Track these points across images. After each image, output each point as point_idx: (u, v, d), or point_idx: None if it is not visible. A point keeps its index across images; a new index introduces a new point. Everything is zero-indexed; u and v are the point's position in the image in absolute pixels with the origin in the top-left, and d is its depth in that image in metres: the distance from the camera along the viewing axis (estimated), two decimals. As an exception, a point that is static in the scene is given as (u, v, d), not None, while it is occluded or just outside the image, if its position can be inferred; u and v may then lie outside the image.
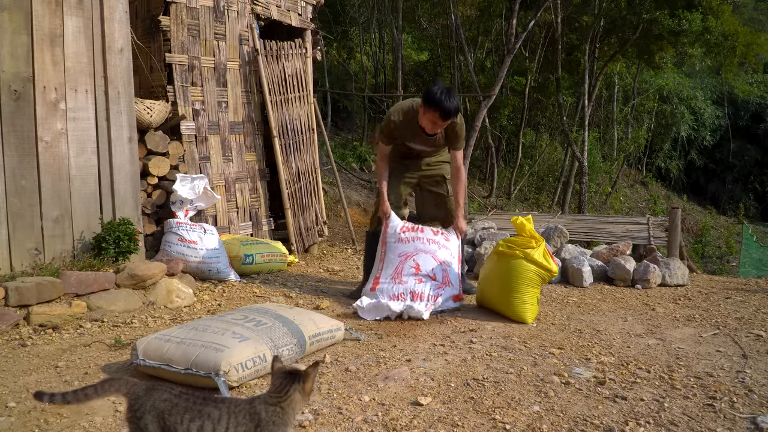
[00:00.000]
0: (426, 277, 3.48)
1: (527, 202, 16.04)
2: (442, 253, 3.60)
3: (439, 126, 3.46)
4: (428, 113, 3.40)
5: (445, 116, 3.37)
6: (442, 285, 3.49)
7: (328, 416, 2.01)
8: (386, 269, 3.53)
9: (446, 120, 3.40)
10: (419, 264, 3.51)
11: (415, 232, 3.65)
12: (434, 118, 3.39)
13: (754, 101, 22.64)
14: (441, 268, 3.53)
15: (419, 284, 3.45)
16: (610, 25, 14.06)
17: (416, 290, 3.42)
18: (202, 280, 4.12)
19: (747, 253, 11.80)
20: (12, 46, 3.22)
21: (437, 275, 3.50)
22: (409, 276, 3.47)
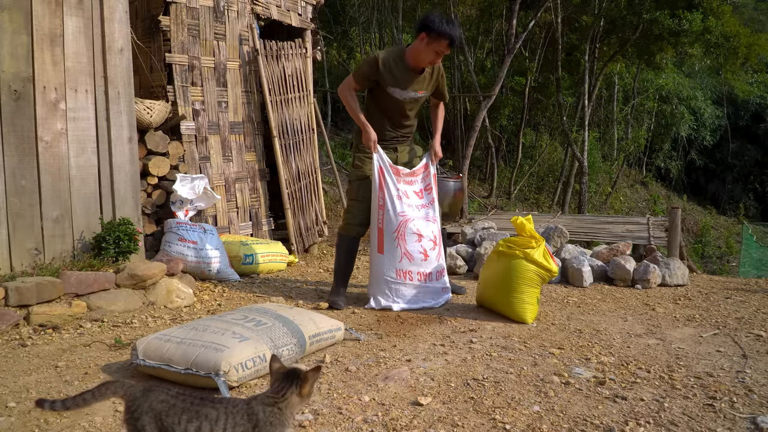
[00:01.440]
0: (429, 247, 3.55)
1: (527, 202, 16.05)
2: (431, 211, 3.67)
3: (440, 57, 3.40)
4: (434, 43, 3.30)
5: (452, 43, 3.32)
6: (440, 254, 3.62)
7: (328, 416, 2.01)
8: (387, 224, 3.51)
9: (452, 47, 3.36)
10: (420, 230, 3.55)
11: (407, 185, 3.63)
12: (441, 47, 3.32)
13: (754, 101, 22.65)
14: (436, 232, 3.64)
15: (424, 261, 3.52)
16: (610, 25, 14.07)
17: (423, 270, 3.52)
18: (202, 280, 4.12)
19: (747, 253, 11.80)
20: (12, 46, 3.22)
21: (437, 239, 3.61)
22: (413, 244, 3.51)
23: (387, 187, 3.53)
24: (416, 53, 3.40)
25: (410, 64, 3.45)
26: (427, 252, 3.55)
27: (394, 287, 3.48)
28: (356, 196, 3.65)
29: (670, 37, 12.46)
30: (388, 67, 3.42)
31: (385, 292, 3.49)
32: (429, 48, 3.33)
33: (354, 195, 3.67)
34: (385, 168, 3.53)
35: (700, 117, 21.07)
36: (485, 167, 16.07)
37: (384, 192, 3.52)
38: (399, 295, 3.49)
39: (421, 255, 3.53)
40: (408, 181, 3.64)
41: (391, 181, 3.54)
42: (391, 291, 3.48)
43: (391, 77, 3.44)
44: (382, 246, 3.50)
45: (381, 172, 3.52)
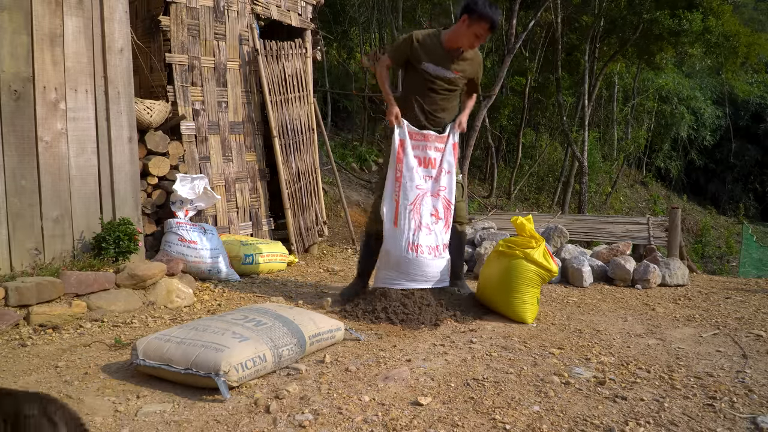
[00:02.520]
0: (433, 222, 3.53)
1: (527, 202, 16.05)
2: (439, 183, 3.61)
3: (481, 40, 3.41)
4: (474, 25, 3.31)
5: (493, 26, 3.33)
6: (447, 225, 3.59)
7: (328, 416, 2.01)
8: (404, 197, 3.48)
9: (492, 31, 3.37)
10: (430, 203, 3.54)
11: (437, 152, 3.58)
12: (481, 30, 3.33)
13: (754, 101, 22.65)
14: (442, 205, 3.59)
15: (429, 236, 3.49)
16: (610, 25, 14.06)
17: (431, 243, 3.49)
18: (202, 280, 4.12)
19: (747, 253, 11.81)
20: (12, 46, 3.22)
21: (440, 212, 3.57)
22: (427, 217, 3.49)
23: (406, 160, 3.49)
24: (455, 35, 3.42)
25: (447, 44, 3.47)
26: (430, 226, 3.52)
27: (404, 262, 3.42)
28: None
29: (670, 37, 12.45)
30: (423, 43, 3.47)
31: (395, 269, 3.43)
32: (469, 30, 3.35)
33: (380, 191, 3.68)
34: (406, 141, 3.51)
35: (700, 117, 21.07)
36: (485, 167, 16.07)
37: (402, 164, 3.49)
38: (406, 271, 3.42)
39: (426, 229, 3.50)
40: (439, 147, 3.59)
41: (411, 154, 3.51)
42: (400, 266, 3.43)
43: (425, 53, 3.47)
44: (397, 219, 3.47)
45: (401, 145, 3.50)
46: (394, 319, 3.19)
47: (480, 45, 3.57)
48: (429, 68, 3.47)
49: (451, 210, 3.61)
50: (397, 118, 3.50)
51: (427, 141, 3.56)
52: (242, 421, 1.96)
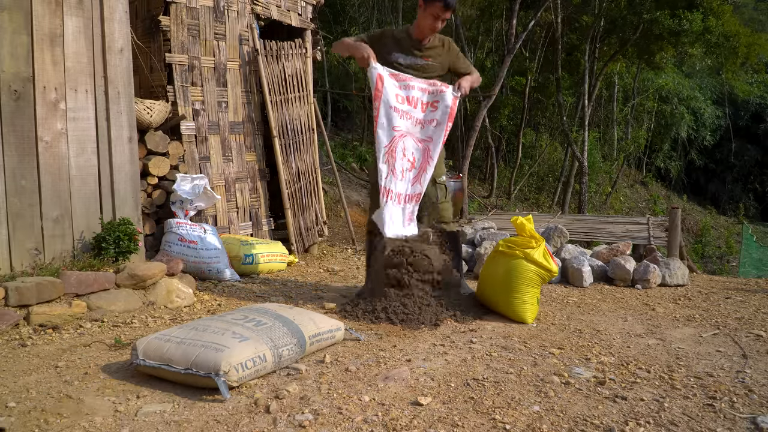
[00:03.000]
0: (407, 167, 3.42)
1: (527, 202, 16.05)
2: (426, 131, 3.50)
3: (440, 21, 3.44)
4: (429, 7, 3.39)
5: (447, 5, 3.37)
6: (418, 179, 3.45)
7: (328, 416, 2.01)
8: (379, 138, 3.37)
9: (447, 10, 3.40)
10: (406, 147, 3.43)
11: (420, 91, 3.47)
12: (437, 10, 3.38)
13: (754, 101, 22.66)
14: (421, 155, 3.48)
15: (401, 181, 3.40)
16: (610, 25, 14.07)
17: (400, 191, 3.40)
18: (202, 280, 4.12)
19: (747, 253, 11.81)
20: (12, 46, 3.22)
21: (417, 162, 3.45)
22: (399, 161, 3.39)
23: (385, 97, 3.37)
24: (418, 23, 3.51)
25: (415, 35, 3.56)
26: (404, 172, 3.42)
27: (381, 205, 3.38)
28: None
29: (670, 37, 12.46)
30: (392, 36, 3.57)
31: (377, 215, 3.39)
32: (426, 13, 3.43)
33: None
34: (384, 77, 3.38)
35: (700, 117, 21.08)
36: (485, 167, 16.08)
37: (379, 102, 3.37)
38: (381, 214, 3.37)
39: (399, 174, 3.41)
40: (422, 88, 3.48)
41: (391, 91, 3.39)
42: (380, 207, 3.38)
43: (393, 43, 3.55)
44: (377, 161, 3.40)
45: (379, 80, 3.36)
46: (394, 319, 3.19)
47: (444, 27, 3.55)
48: (400, 59, 3.54)
49: (429, 165, 3.48)
50: (369, 55, 3.40)
51: (408, 81, 3.46)
52: (242, 421, 1.96)
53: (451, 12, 3.45)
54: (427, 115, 3.51)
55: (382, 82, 3.38)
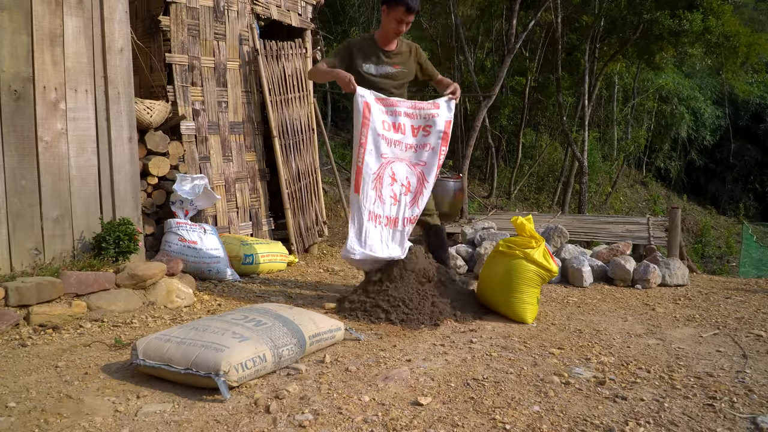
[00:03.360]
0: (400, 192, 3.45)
1: (527, 202, 16.05)
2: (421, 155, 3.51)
3: (404, 24, 3.50)
4: (392, 12, 3.47)
5: (409, 9, 3.44)
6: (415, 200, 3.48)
7: (328, 416, 2.01)
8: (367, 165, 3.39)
9: (410, 14, 3.46)
10: (396, 173, 3.45)
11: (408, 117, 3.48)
12: (399, 14, 3.46)
13: (754, 101, 22.65)
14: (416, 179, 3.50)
15: (394, 206, 3.43)
16: (610, 25, 14.07)
17: (391, 214, 3.43)
18: (202, 280, 4.12)
19: (747, 253, 11.81)
20: (12, 46, 3.22)
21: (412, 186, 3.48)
22: (387, 187, 3.42)
23: (372, 124, 3.39)
24: (383, 29, 3.60)
25: (380, 43, 3.64)
26: (397, 196, 3.46)
27: (364, 230, 3.40)
28: None
29: (670, 37, 12.46)
30: (359, 47, 3.63)
31: (354, 236, 3.42)
32: (390, 18, 3.50)
33: None
34: (371, 104, 3.40)
35: (700, 117, 21.08)
36: (485, 167, 16.08)
37: (367, 129, 3.39)
38: (365, 240, 3.40)
39: (391, 199, 3.44)
40: (409, 113, 3.50)
41: (377, 118, 3.41)
42: (360, 234, 3.41)
43: (362, 55, 3.61)
44: (359, 186, 3.40)
45: (366, 107, 3.39)
46: (394, 319, 3.19)
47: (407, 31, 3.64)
48: (371, 69, 3.61)
49: (425, 188, 3.52)
50: (351, 80, 3.42)
51: (395, 106, 3.48)
52: (242, 421, 1.97)
53: (414, 15, 3.52)
54: (419, 139, 3.53)
55: (369, 110, 3.41)
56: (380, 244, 3.42)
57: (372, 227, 3.41)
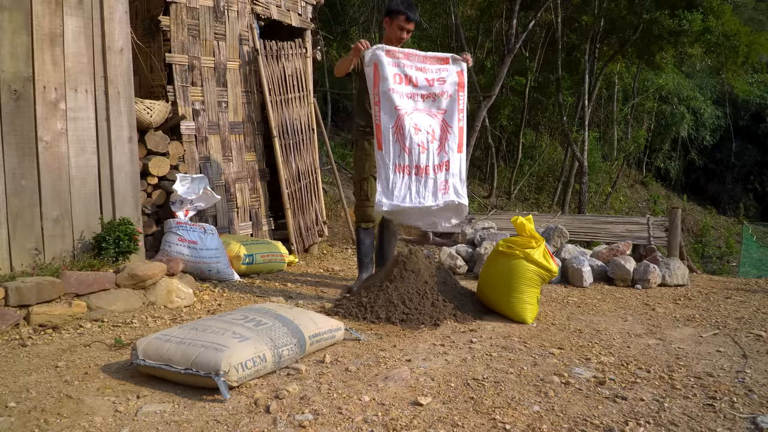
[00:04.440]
0: (427, 140, 3.52)
1: (527, 202, 16.05)
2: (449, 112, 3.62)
3: (405, 32, 3.75)
4: (395, 21, 3.74)
5: (409, 18, 3.72)
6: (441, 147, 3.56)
7: (328, 416, 2.01)
8: (384, 120, 3.48)
9: (410, 22, 3.73)
10: (417, 123, 3.53)
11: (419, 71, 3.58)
12: (401, 22, 3.71)
13: (754, 101, 22.63)
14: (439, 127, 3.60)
15: (422, 154, 3.50)
16: (610, 25, 14.07)
17: (421, 163, 3.50)
18: (202, 280, 4.12)
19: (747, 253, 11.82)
20: (12, 46, 3.22)
21: (436, 134, 3.56)
22: (411, 137, 3.49)
23: (381, 82, 3.49)
24: (387, 38, 3.82)
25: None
26: (424, 144, 3.53)
27: (391, 183, 3.48)
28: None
29: (670, 37, 12.46)
30: None
31: (381, 191, 3.49)
32: (393, 26, 3.77)
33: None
34: (380, 62, 3.50)
35: (700, 117, 21.06)
36: (485, 167, 16.07)
37: (378, 88, 3.49)
38: (393, 192, 3.47)
39: (419, 147, 3.51)
40: (420, 67, 3.61)
41: (389, 72, 3.50)
42: (387, 187, 3.49)
43: None
44: (380, 142, 3.50)
45: (375, 69, 3.50)
46: (394, 319, 3.19)
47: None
48: None
49: (450, 134, 3.61)
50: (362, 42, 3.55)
51: (407, 59, 3.58)
52: (242, 421, 1.97)
53: (413, 24, 3.78)
54: (435, 89, 3.63)
55: (378, 69, 3.51)
56: (410, 193, 3.50)
57: (399, 179, 3.49)
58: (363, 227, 4.00)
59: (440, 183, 3.55)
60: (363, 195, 3.95)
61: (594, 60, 14.91)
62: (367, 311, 3.29)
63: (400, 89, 3.54)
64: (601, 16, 13.79)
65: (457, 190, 3.58)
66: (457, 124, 3.63)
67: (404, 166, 3.49)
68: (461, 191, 3.60)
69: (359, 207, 4.00)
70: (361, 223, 4.00)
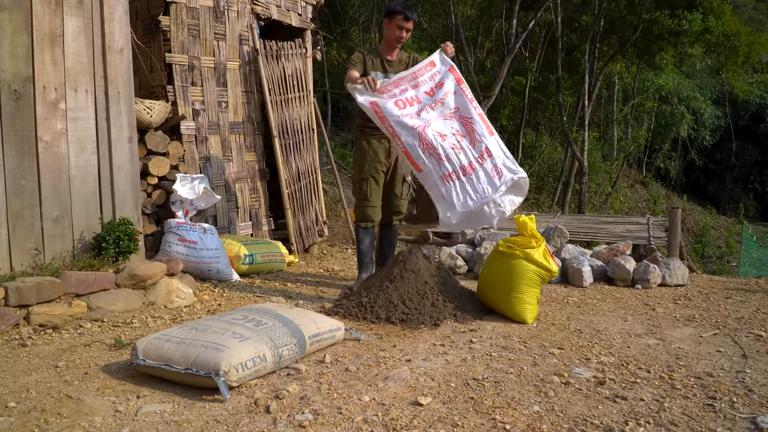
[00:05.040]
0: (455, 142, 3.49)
1: (527, 202, 16.03)
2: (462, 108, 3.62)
3: (404, 31, 3.79)
4: (393, 20, 3.79)
5: (406, 17, 3.76)
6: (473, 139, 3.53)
7: (328, 416, 2.01)
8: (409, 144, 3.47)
9: (408, 21, 3.77)
10: (439, 131, 3.52)
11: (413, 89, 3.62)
12: (400, 22, 3.77)
13: (754, 101, 22.63)
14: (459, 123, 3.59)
15: (460, 153, 3.46)
16: (610, 25, 14.07)
17: (463, 162, 3.46)
18: (202, 280, 4.12)
19: (747, 253, 11.82)
20: (12, 46, 3.22)
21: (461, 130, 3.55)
22: (441, 145, 3.46)
23: (389, 115, 3.50)
24: (387, 39, 3.90)
25: (384, 52, 3.94)
26: (457, 144, 3.50)
27: (446, 196, 3.45)
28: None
29: (670, 37, 12.46)
30: (368, 57, 3.91)
31: (442, 209, 3.46)
32: (392, 26, 3.82)
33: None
34: (376, 102, 3.54)
35: (700, 117, 21.06)
36: (485, 167, 16.04)
37: (387, 122, 3.51)
38: (453, 202, 3.44)
39: (454, 150, 3.47)
40: (414, 84, 3.64)
41: (390, 106, 3.52)
42: (445, 201, 3.45)
43: (372, 66, 3.90)
44: (416, 164, 3.48)
45: (375, 107, 3.53)
46: (394, 319, 3.19)
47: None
48: (378, 77, 3.80)
49: (474, 124, 3.58)
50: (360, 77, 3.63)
51: (398, 86, 3.62)
52: (242, 421, 1.97)
53: (411, 23, 3.81)
54: (438, 94, 3.65)
55: (378, 106, 3.55)
56: (468, 195, 3.44)
57: (452, 188, 3.45)
58: (363, 227, 4.00)
59: (490, 170, 3.49)
60: (362, 195, 3.96)
61: (594, 60, 14.91)
62: (367, 311, 3.29)
63: (407, 112, 3.55)
64: (601, 16, 13.79)
65: (509, 167, 3.52)
66: (475, 113, 3.62)
67: (449, 174, 3.44)
68: (514, 167, 3.54)
69: (359, 207, 4.00)
70: (361, 222, 4.00)
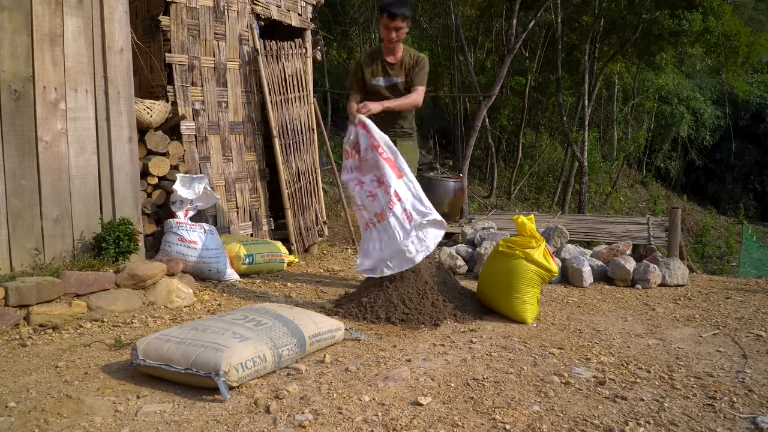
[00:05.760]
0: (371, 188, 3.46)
1: (527, 202, 16.04)
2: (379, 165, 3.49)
3: (392, 31, 3.57)
4: (382, 20, 3.62)
5: (391, 15, 3.53)
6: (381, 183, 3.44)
7: (328, 416, 2.01)
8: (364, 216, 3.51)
9: (393, 19, 3.53)
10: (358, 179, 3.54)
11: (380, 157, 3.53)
12: (386, 21, 3.58)
13: (754, 101, 22.63)
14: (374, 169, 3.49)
15: (374, 201, 3.43)
16: (610, 25, 14.07)
17: (376, 209, 3.41)
18: (202, 280, 4.12)
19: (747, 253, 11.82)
20: (12, 46, 3.22)
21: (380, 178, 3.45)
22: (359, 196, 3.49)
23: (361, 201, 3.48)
24: (384, 41, 3.73)
25: (385, 53, 3.76)
26: (372, 192, 3.43)
27: (364, 244, 3.47)
28: None
29: (670, 37, 12.45)
30: (366, 63, 3.78)
31: (361, 253, 3.49)
32: (381, 26, 3.65)
33: None
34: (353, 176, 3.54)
35: (700, 117, 21.05)
36: (485, 167, 16.06)
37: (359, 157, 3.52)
38: (368, 251, 3.44)
39: (368, 198, 3.43)
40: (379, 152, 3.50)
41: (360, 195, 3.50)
42: (363, 248, 3.48)
43: (371, 72, 3.76)
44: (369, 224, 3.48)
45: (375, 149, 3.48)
46: (394, 319, 3.19)
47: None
48: (380, 82, 3.76)
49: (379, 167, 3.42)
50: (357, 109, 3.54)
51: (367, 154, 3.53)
52: (242, 421, 1.97)
53: (399, 20, 3.54)
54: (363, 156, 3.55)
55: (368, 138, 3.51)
56: (380, 243, 3.40)
57: (368, 236, 3.45)
58: None
59: (401, 215, 3.35)
60: None
61: (594, 60, 14.91)
62: (367, 311, 3.29)
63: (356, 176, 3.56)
64: (601, 16, 13.79)
65: (419, 210, 3.38)
66: (381, 158, 3.43)
67: (367, 222, 3.46)
68: (423, 209, 3.39)
69: None
70: None
